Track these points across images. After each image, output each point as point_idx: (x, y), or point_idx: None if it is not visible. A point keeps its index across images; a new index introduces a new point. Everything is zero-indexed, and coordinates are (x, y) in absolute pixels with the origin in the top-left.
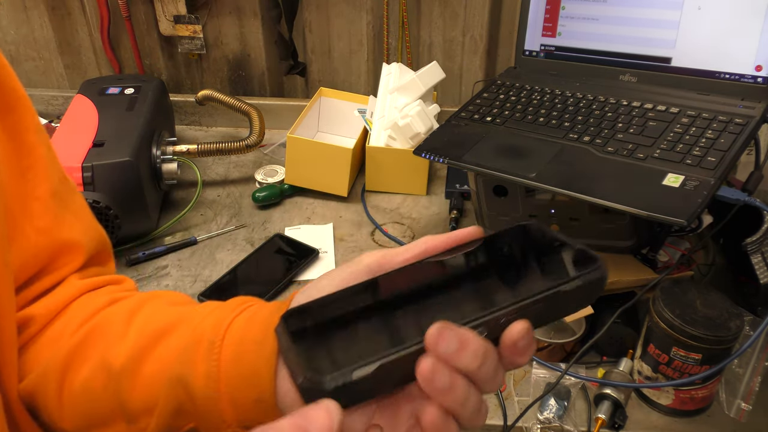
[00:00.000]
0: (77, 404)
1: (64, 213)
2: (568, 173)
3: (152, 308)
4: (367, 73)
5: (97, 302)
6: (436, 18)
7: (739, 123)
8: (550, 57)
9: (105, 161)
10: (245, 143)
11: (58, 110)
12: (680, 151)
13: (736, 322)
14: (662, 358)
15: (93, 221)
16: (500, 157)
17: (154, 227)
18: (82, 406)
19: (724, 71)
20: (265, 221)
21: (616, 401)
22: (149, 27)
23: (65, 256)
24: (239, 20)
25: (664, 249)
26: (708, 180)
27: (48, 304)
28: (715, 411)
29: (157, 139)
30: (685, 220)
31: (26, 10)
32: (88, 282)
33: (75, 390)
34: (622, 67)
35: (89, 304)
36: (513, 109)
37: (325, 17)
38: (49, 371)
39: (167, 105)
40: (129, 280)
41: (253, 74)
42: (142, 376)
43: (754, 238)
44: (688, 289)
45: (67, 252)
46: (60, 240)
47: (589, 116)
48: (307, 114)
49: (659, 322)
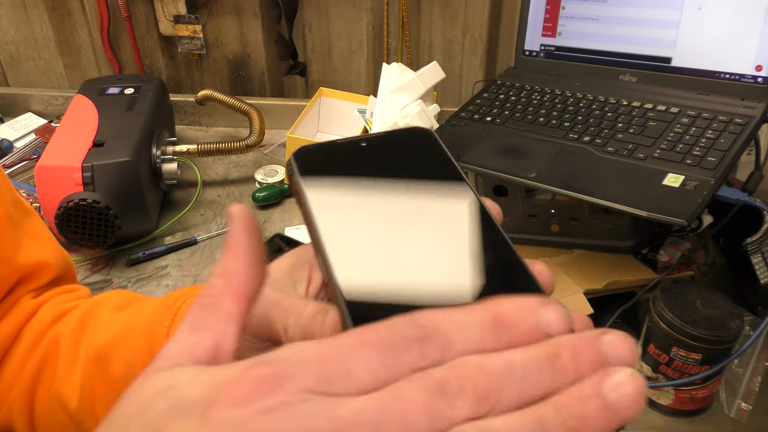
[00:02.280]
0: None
1: (21, 237)
2: (568, 173)
3: (97, 322)
4: (367, 73)
5: (44, 319)
6: (436, 18)
7: (739, 123)
8: (550, 57)
9: (105, 161)
10: (245, 143)
11: (58, 110)
12: (680, 151)
13: (736, 322)
14: (662, 358)
15: (54, 243)
16: (500, 157)
17: (154, 227)
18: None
19: (724, 71)
20: (265, 221)
21: None
22: (149, 27)
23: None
24: (239, 20)
25: (664, 249)
26: (708, 180)
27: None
28: (715, 411)
29: (157, 139)
30: (685, 220)
31: (26, 10)
32: (40, 300)
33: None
34: (622, 67)
35: (37, 323)
36: (513, 109)
37: (325, 17)
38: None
39: (167, 105)
40: (83, 288)
41: (253, 74)
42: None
43: (754, 238)
44: (688, 289)
45: (28, 276)
46: (18, 265)
47: (589, 116)
48: (307, 114)
49: (659, 322)
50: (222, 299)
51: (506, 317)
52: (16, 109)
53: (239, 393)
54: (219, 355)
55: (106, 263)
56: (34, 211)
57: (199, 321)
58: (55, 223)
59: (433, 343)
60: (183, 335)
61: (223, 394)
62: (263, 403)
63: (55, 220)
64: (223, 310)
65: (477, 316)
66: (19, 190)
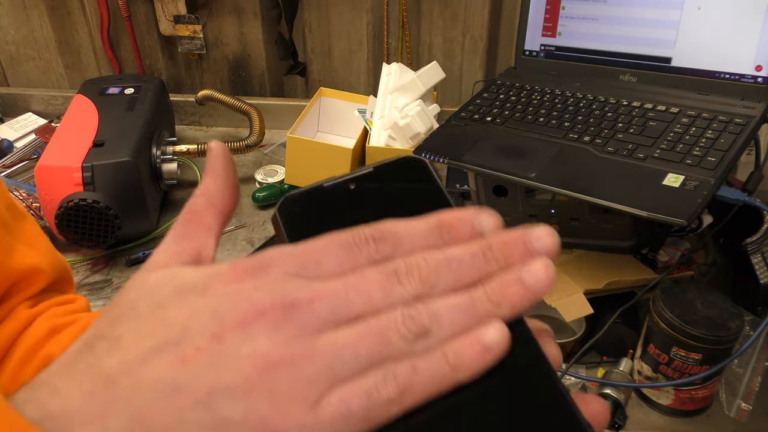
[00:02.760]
0: None
1: (14, 242)
2: (568, 173)
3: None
4: (367, 73)
5: (39, 333)
6: (436, 18)
7: (739, 123)
8: (550, 57)
9: (105, 161)
10: (245, 143)
11: (58, 110)
12: (680, 151)
13: (736, 322)
14: (662, 358)
15: (49, 247)
16: (500, 157)
17: (154, 227)
18: None
19: (724, 71)
20: (265, 221)
21: (616, 401)
22: (149, 27)
23: (19, 285)
24: (239, 20)
25: (664, 249)
26: (708, 180)
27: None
28: (715, 411)
29: (157, 139)
30: (685, 220)
31: (26, 10)
32: (36, 310)
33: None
34: (622, 67)
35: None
36: (513, 109)
37: (325, 17)
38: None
39: (167, 105)
40: (80, 299)
41: (253, 74)
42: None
43: (754, 238)
44: (688, 289)
45: (21, 281)
46: (11, 270)
47: (589, 116)
48: (307, 114)
49: (659, 322)
50: (203, 214)
51: (448, 222)
52: (16, 109)
53: (232, 276)
54: (201, 260)
55: (106, 263)
56: (29, 215)
57: (182, 233)
58: (55, 223)
59: (386, 242)
60: (169, 245)
61: (219, 278)
62: (253, 282)
63: (55, 220)
64: (204, 224)
65: (424, 222)
66: (19, 190)
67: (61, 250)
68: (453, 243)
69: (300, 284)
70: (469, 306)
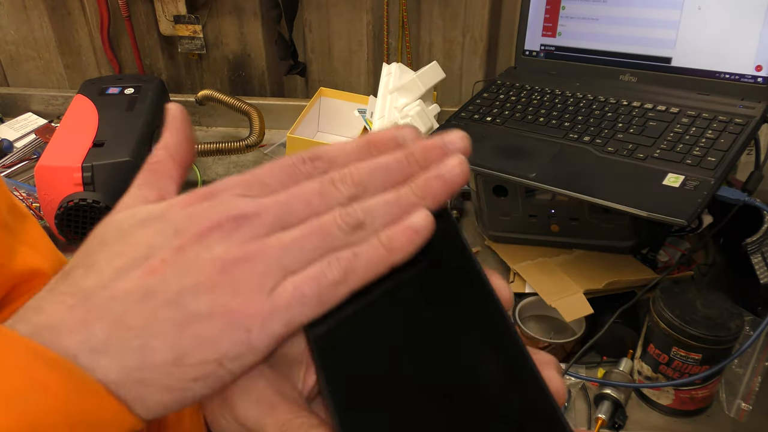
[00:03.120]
0: None
1: (16, 244)
2: (568, 173)
3: None
4: (367, 73)
5: None
6: (436, 18)
7: (739, 123)
8: (550, 57)
9: (105, 161)
10: (245, 143)
11: (58, 110)
12: (680, 151)
13: (736, 322)
14: (662, 358)
15: (51, 248)
16: (500, 157)
17: None
18: None
19: (724, 71)
20: None
21: (616, 401)
22: (149, 27)
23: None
24: (239, 20)
25: (664, 249)
26: (708, 180)
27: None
28: (715, 411)
29: (157, 139)
30: (685, 220)
31: (26, 10)
32: None
33: None
34: (622, 67)
35: None
36: (513, 109)
37: (325, 17)
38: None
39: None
40: None
41: (253, 74)
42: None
43: (754, 238)
44: (688, 289)
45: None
46: (13, 272)
47: (589, 116)
48: (307, 114)
49: (659, 322)
50: (164, 164)
51: (374, 139)
52: (16, 109)
53: (188, 201)
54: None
55: None
56: (31, 216)
57: (147, 181)
58: (55, 223)
59: (321, 160)
60: (135, 191)
61: (176, 204)
62: (206, 204)
63: (55, 220)
64: (165, 172)
65: (354, 141)
66: (19, 190)
67: (62, 250)
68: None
69: (248, 200)
70: (397, 200)
